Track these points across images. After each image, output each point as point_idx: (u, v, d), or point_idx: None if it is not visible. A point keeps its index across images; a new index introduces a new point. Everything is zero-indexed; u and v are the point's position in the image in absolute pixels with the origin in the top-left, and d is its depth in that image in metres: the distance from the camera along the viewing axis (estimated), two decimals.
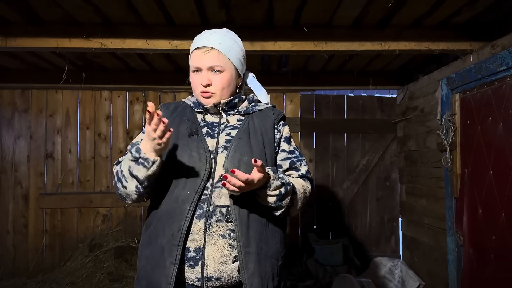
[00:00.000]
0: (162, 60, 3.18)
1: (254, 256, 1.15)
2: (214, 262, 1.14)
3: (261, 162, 1.07)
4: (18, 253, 3.61)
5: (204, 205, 1.17)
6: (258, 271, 1.15)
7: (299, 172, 1.31)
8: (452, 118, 2.58)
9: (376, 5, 2.17)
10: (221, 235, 1.16)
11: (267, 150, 1.26)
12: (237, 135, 1.26)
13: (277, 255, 1.22)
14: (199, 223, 1.16)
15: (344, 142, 3.93)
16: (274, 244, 1.22)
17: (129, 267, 3.30)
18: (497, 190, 2.14)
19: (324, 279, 3.34)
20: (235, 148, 1.22)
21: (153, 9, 2.19)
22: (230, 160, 1.19)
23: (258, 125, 1.30)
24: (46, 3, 2.11)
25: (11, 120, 3.67)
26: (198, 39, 1.30)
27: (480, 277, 2.27)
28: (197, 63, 1.27)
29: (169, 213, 1.18)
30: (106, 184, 3.74)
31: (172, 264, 1.13)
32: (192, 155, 1.21)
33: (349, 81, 3.74)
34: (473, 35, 2.46)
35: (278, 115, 1.36)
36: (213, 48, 1.26)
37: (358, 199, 3.90)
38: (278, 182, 1.13)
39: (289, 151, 1.33)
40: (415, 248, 3.45)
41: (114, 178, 1.23)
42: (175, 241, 1.14)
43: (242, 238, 1.15)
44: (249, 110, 1.34)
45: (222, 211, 1.17)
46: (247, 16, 2.32)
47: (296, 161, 1.32)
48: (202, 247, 1.15)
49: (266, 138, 1.28)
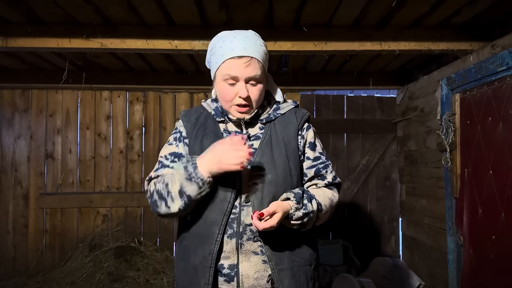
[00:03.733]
0: (162, 60, 3.19)
1: (288, 271, 1.17)
2: (249, 278, 1.16)
3: (265, 212, 1.06)
4: (18, 253, 3.61)
5: (234, 225, 1.16)
6: (294, 283, 1.17)
7: (325, 180, 1.27)
8: (452, 118, 2.58)
9: (376, 5, 2.17)
10: (254, 252, 1.17)
11: (291, 162, 1.22)
12: (259, 150, 1.21)
13: (310, 261, 1.23)
14: (231, 242, 1.16)
15: (344, 142, 3.93)
16: (306, 250, 1.23)
17: (129, 267, 3.30)
18: (497, 190, 2.14)
19: (324, 279, 3.34)
20: (258, 166, 1.18)
21: (153, 9, 2.19)
22: (254, 180, 1.17)
23: (280, 134, 1.24)
24: (46, 3, 2.11)
25: (11, 120, 3.66)
26: (233, 46, 1.17)
27: (480, 277, 2.27)
28: (235, 73, 1.17)
29: (199, 235, 1.18)
30: (106, 184, 3.74)
31: (206, 285, 1.15)
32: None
33: (349, 81, 3.74)
34: (473, 35, 2.46)
35: (302, 118, 1.29)
36: (253, 58, 1.18)
37: (358, 199, 3.90)
38: (300, 213, 1.12)
39: (314, 158, 1.28)
40: (415, 248, 3.45)
41: (153, 196, 1.17)
42: (206, 263, 1.15)
43: (273, 257, 1.16)
44: (271, 117, 1.27)
45: (252, 230, 1.16)
46: (247, 16, 2.32)
47: (322, 168, 1.27)
48: (236, 264, 1.16)
49: (290, 148, 1.23)
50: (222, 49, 1.19)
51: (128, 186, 3.77)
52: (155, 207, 1.18)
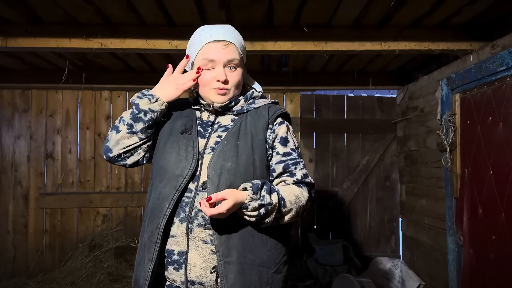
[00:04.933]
0: (162, 60, 3.18)
1: (235, 266, 1.10)
2: (196, 267, 1.12)
3: (213, 197, 1.02)
4: (18, 253, 3.61)
5: (186, 209, 1.14)
6: (240, 281, 1.09)
7: (294, 177, 1.19)
8: (452, 118, 2.58)
9: (376, 5, 2.17)
10: (203, 240, 1.12)
11: (256, 154, 1.17)
12: (225, 138, 1.18)
13: (268, 263, 1.14)
14: (182, 226, 1.13)
15: (344, 142, 3.93)
16: (265, 251, 1.14)
17: (129, 267, 3.30)
18: (497, 190, 2.14)
19: (324, 279, 3.34)
20: (219, 153, 1.15)
21: (153, 9, 2.19)
22: (212, 166, 1.14)
23: (249, 126, 1.21)
24: (46, 3, 2.11)
25: (11, 120, 3.67)
26: (212, 32, 1.21)
27: (480, 277, 2.27)
28: (213, 56, 1.19)
29: (153, 210, 1.16)
30: (106, 184, 3.74)
31: (150, 261, 1.12)
32: (180, 152, 1.18)
33: (349, 81, 3.73)
34: (473, 35, 2.46)
35: (274, 113, 1.24)
36: (231, 43, 1.20)
37: (358, 199, 3.90)
38: (255, 204, 1.05)
39: (283, 153, 1.21)
40: (415, 248, 3.45)
41: (109, 132, 1.25)
42: (153, 238, 1.13)
43: (221, 248, 1.10)
44: (243, 109, 1.25)
45: (204, 216, 1.12)
46: (247, 16, 2.32)
47: (291, 165, 1.19)
48: (186, 251, 1.13)
49: (256, 140, 1.19)
50: (201, 37, 1.23)
51: (128, 186, 3.77)
52: (105, 143, 1.25)
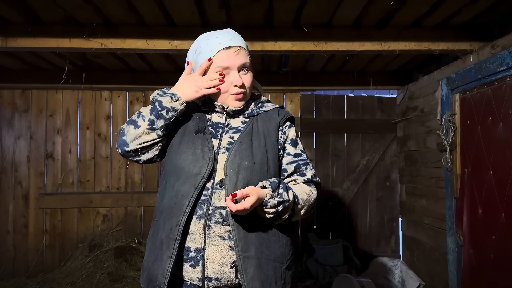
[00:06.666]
0: (162, 60, 3.18)
1: (254, 260, 1.14)
2: (214, 263, 1.14)
3: (238, 193, 1.06)
4: (18, 253, 3.61)
5: (204, 206, 1.16)
6: (259, 275, 1.14)
7: (304, 176, 1.26)
8: (452, 118, 2.58)
9: (376, 5, 2.17)
10: (221, 236, 1.15)
11: (270, 153, 1.23)
12: (239, 139, 1.23)
13: (281, 259, 1.20)
14: (199, 223, 1.16)
15: (344, 142, 3.93)
16: (278, 247, 1.20)
17: (129, 267, 3.30)
18: (497, 190, 2.14)
19: (324, 279, 3.34)
20: (235, 152, 1.19)
21: (153, 9, 2.19)
22: (230, 164, 1.18)
23: (261, 128, 1.26)
24: (46, 3, 2.11)
25: (11, 120, 3.67)
26: (220, 40, 1.23)
27: (480, 277, 2.27)
28: (228, 63, 1.21)
29: (170, 208, 1.18)
30: (106, 184, 3.74)
31: (169, 258, 1.13)
32: (196, 152, 1.20)
33: (349, 81, 3.73)
34: (473, 35, 2.46)
35: (283, 116, 1.31)
36: (241, 47, 1.24)
37: (358, 199, 3.90)
38: (275, 201, 1.11)
39: (294, 154, 1.28)
40: (415, 248, 3.45)
41: (121, 130, 1.24)
42: (172, 235, 1.14)
43: (240, 243, 1.13)
44: (253, 112, 1.30)
45: (222, 213, 1.16)
46: (247, 16, 2.32)
47: (302, 165, 1.27)
48: (203, 248, 1.15)
49: (269, 141, 1.24)
50: (209, 46, 1.24)
51: (128, 186, 3.77)
52: (121, 137, 1.23)
